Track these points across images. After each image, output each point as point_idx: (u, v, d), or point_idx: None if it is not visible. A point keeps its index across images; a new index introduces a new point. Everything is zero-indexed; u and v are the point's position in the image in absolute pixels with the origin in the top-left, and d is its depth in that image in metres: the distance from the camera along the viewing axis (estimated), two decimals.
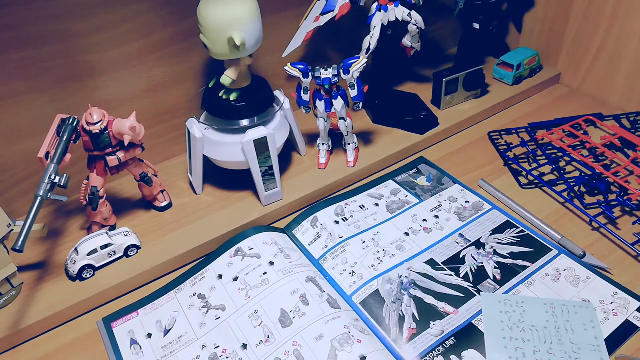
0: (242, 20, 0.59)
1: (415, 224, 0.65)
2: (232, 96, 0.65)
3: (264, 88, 0.68)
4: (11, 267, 0.57)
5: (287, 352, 0.51)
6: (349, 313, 0.54)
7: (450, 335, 0.52)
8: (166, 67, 0.72)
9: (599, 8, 0.82)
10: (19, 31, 0.59)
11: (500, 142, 0.79)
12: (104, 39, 0.65)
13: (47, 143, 0.56)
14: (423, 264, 0.60)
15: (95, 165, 0.61)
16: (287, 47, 0.74)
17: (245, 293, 0.57)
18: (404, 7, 0.72)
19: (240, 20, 0.59)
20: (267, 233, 0.64)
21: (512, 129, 0.81)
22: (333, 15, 0.71)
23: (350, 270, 0.60)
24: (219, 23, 0.59)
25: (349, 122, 0.71)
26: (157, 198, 0.69)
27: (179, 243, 0.64)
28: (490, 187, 0.70)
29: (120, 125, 0.58)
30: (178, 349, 0.53)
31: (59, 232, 0.66)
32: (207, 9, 0.59)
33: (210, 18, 0.59)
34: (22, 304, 0.57)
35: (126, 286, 0.60)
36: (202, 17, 0.59)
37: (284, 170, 0.73)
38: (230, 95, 0.66)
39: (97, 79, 0.67)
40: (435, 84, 0.84)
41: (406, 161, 0.77)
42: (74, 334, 0.57)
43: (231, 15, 0.59)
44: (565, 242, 0.60)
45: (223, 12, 0.59)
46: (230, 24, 0.59)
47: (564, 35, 0.89)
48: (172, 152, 0.78)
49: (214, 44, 0.61)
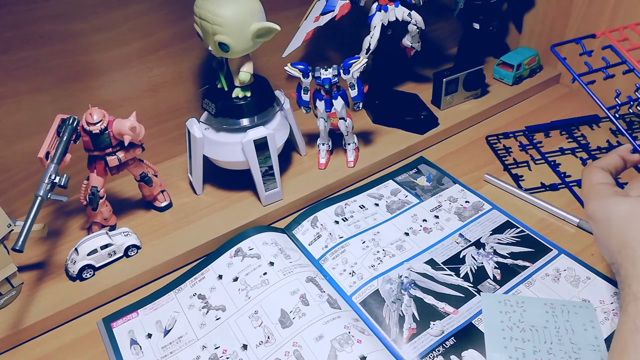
0: (258, 8, 0.61)
1: (415, 224, 0.65)
2: (247, 93, 0.66)
3: (264, 88, 0.68)
4: (11, 267, 0.57)
5: (287, 352, 0.51)
6: (349, 313, 0.54)
7: (450, 335, 0.52)
8: (166, 67, 0.72)
9: (599, 8, 0.82)
10: (19, 31, 0.59)
11: (499, 147, 0.78)
12: (104, 39, 0.65)
13: (47, 143, 0.56)
14: (423, 264, 0.60)
15: (95, 165, 0.61)
16: (287, 47, 0.74)
17: (245, 293, 0.57)
18: (404, 7, 0.72)
19: (257, 9, 0.60)
20: (267, 233, 0.64)
21: (509, 133, 0.80)
22: (333, 15, 0.71)
23: (350, 270, 0.60)
24: (242, 17, 0.59)
25: (349, 122, 0.71)
26: (157, 198, 0.69)
27: (179, 243, 0.64)
28: (497, 180, 0.70)
29: (120, 125, 0.58)
30: (178, 350, 0.53)
31: (59, 232, 0.66)
32: (223, 8, 0.59)
33: (231, 15, 0.59)
34: (22, 304, 0.57)
35: (126, 286, 0.60)
36: (221, 17, 0.59)
37: (284, 170, 0.73)
38: (246, 92, 0.66)
39: (97, 79, 0.67)
40: (435, 84, 0.84)
41: (406, 161, 0.77)
42: (73, 334, 0.56)
43: (250, 6, 0.60)
44: (583, 224, 0.63)
45: (242, 6, 0.59)
46: (251, 15, 0.60)
47: (564, 35, 0.89)
48: (172, 152, 0.78)
49: (237, 40, 0.60)
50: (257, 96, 0.67)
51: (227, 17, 0.59)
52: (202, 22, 0.60)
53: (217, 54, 0.62)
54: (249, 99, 0.66)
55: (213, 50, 0.62)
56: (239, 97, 0.66)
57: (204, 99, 0.67)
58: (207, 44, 0.62)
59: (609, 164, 0.51)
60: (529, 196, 0.67)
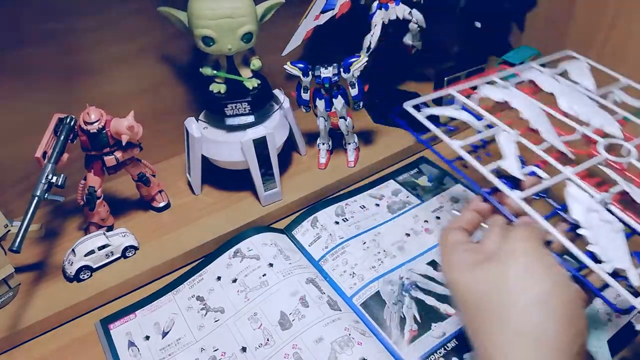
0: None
1: (417, 225, 0.65)
2: (258, 81, 0.66)
3: (262, 85, 0.67)
4: (8, 268, 0.56)
5: (286, 354, 0.50)
6: (349, 315, 0.54)
7: (452, 337, 0.52)
8: (165, 67, 0.71)
9: (601, 7, 0.81)
10: (16, 30, 0.59)
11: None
12: (101, 37, 0.65)
13: (44, 143, 0.56)
14: (425, 265, 0.59)
15: (93, 165, 0.61)
16: (287, 45, 0.74)
17: (244, 295, 0.57)
18: (405, 6, 0.72)
19: None
20: (267, 234, 0.64)
21: (422, 106, 0.77)
22: (333, 13, 0.71)
23: (351, 272, 0.59)
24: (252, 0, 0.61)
25: (349, 122, 0.70)
26: (155, 198, 0.68)
27: (177, 244, 0.63)
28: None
29: (118, 125, 0.58)
30: (176, 352, 0.53)
31: (56, 233, 0.66)
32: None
33: (248, 0, 0.60)
34: (19, 305, 0.57)
35: (124, 287, 0.60)
36: (242, 6, 0.59)
37: (283, 170, 0.73)
38: (254, 83, 0.66)
39: (95, 78, 0.67)
40: (436, 82, 0.83)
41: (407, 161, 0.77)
42: (71, 335, 0.56)
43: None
44: None
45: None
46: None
47: (566, 34, 0.88)
48: (170, 152, 0.77)
49: (256, 26, 0.62)
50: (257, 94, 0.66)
51: (246, 3, 0.59)
52: (219, 23, 0.59)
53: (235, 50, 0.61)
54: (259, 88, 0.66)
55: (233, 48, 0.61)
56: (254, 87, 0.66)
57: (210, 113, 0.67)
58: (223, 46, 0.60)
59: (466, 221, 0.46)
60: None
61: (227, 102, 0.65)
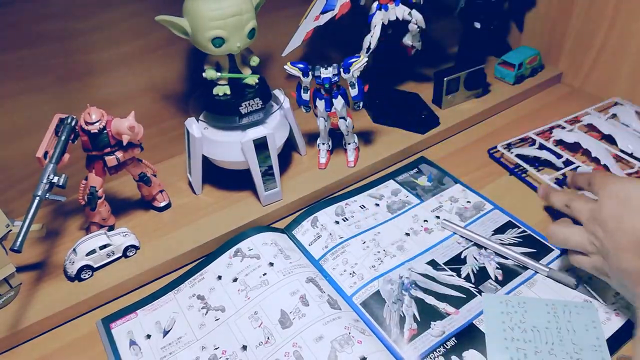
0: None
1: (416, 224, 0.65)
2: (257, 77, 0.67)
3: (261, 85, 0.67)
4: (9, 268, 0.56)
5: (287, 353, 0.50)
6: (349, 314, 0.54)
7: (451, 335, 0.52)
8: (165, 67, 0.71)
9: (600, 7, 0.82)
10: (17, 30, 0.59)
11: (504, 161, 0.75)
12: (103, 38, 0.65)
13: (45, 143, 0.56)
14: (424, 264, 0.59)
15: (94, 165, 0.61)
16: (287, 46, 0.74)
17: (244, 294, 0.57)
18: (404, 6, 0.72)
19: None
20: (267, 233, 0.64)
21: (511, 145, 0.77)
22: (333, 14, 0.71)
23: (351, 271, 0.59)
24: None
25: (349, 122, 0.71)
26: (156, 198, 0.68)
27: (178, 243, 0.63)
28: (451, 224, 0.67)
29: (118, 125, 0.58)
30: (177, 350, 0.53)
31: (57, 232, 0.66)
32: None
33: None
34: (20, 304, 0.57)
35: (125, 287, 0.60)
36: (246, 1, 0.59)
37: (283, 170, 0.73)
38: (255, 79, 0.66)
39: (96, 79, 0.67)
40: (436, 83, 0.84)
41: (407, 161, 0.77)
42: (72, 334, 0.56)
43: None
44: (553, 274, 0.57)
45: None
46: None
47: (566, 34, 0.89)
48: (171, 152, 0.78)
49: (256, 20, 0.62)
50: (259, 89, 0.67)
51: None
52: (229, 22, 0.58)
53: (242, 47, 0.62)
54: (259, 83, 0.66)
55: (241, 46, 0.61)
56: (256, 82, 0.66)
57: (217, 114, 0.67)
58: (233, 45, 0.60)
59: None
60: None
61: (240, 102, 0.65)
